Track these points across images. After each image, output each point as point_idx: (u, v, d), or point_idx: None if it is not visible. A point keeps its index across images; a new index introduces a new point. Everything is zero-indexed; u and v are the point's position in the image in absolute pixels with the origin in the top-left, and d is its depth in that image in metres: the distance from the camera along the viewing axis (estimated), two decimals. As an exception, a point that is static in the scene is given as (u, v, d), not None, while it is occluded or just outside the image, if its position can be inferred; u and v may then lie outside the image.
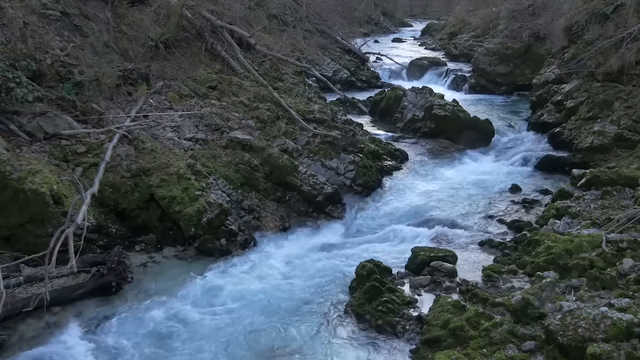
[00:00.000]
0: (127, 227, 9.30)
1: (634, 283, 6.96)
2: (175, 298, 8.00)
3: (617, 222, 8.64)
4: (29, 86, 9.09)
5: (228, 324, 7.51)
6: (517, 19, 23.06)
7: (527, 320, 6.51)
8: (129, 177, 9.46)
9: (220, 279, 8.59)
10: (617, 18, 14.51)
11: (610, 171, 11.04)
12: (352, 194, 11.69)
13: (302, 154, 11.72)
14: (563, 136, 14.27)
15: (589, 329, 5.81)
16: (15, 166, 8.04)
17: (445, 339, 6.55)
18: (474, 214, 11.27)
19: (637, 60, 13.70)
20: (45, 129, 9.22)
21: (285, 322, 7.58)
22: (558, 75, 16.17)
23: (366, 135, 14.65)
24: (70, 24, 11.03)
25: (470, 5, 33.84)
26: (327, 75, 21.52)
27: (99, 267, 7.96)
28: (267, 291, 8.34)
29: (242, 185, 10.60)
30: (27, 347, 6.78)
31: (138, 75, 11.64)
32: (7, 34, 9.33)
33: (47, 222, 8.04)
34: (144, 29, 12.90)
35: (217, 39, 14.29)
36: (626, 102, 13.57)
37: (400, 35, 42.46)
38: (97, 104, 10.31)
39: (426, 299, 7.88)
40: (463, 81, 23.70)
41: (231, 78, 13.50)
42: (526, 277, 8.09)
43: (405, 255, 9.15)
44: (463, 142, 15.51)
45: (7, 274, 7.14)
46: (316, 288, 8.45)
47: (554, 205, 10.54)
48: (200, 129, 11.40)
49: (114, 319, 7.42)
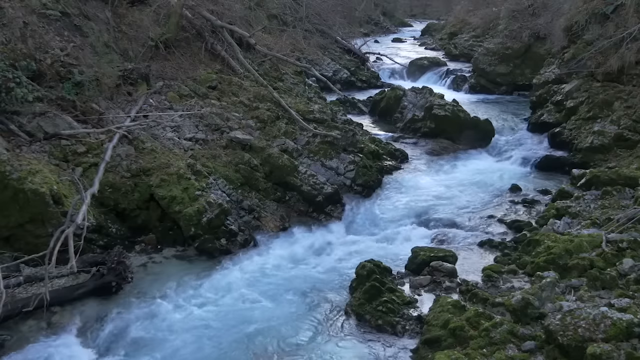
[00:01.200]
0: (127, 227, 9.30)
1: (634, 283, 6.96)
2: (175, 298, 8.00)
3: (617, 222, 8.64)
4: (29, 86, 9.08)
5: (228, 324, 7.51)
6: (517, 19, 23.07)
7: (527, 320, 6.51)
8: (129, 177, 9.46)
9: (220, 279, 8.59)
10: (617, 18, 14.51)
11: (610, 171, 11.05)
12: (352, 194, 11.69)
13: (302, 154, 11.72)
14: (563, 136, 14.28)
15: (589, 329, 5.81)
16: (15, 166, 8.05)
17: (445, 339, 6.55)
18: (474, 214, 11.27)
19: (637, 60, 13.70)
20: (45, 129, 9.22)
21: (285, 322, 7.58)
22: (558, 75, 16.17)
23: (366, 135, 14.65)
24: (70, 24, 11.03)
25: (470, 5, 33.84)
26: (327, 75, 21.52)
27: (99, 267, 7.95)
28: (267, 291, 8.34)
29: (242, 185, 10.60)
30: (27, 347, 6.77)
31: (138, 75, 11.65)
32: (7, 34, 9.33)
33: (47, 222, 8.04)
34: (144, 29, 12.90)
35: (217, 39, 14.29)
36: (626, 102, 13.58)
37: (400, 35, 42.47)
38: (97, 104, 10.31)
39: (426, 299, 7.88)
40: (463, 81, 23.70)
41: (231, 78, 13.50)
42: (526, 277, 8.10)
43: (405, 255, 9.16)
44: (463, 142, 15.51)
45: (7, 274, 7.14)
46: (316, 288, 8.45)
47: (554, 205, 10.55)
48: (200, 129, 11.40)
49: (114, 319, 7.41)
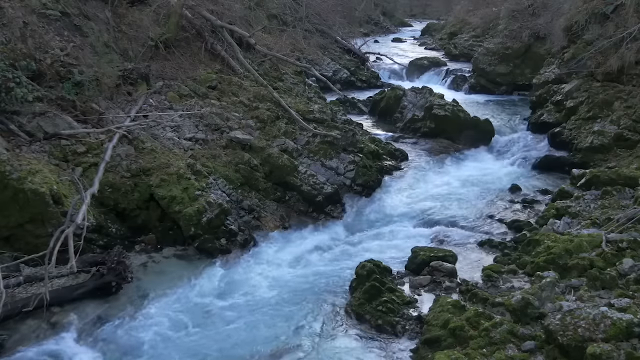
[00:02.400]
0: (127, 227, 9.30)
1: (633, 283, 6.96)
2: (175, 298, 8.00)
3: (617, 222, 8.64)
4: (29, 86, 9.08)
5: (227, 324, 7.52)
6: (517, 19, 23.05)
7: (527, 320, 6.52)
8: (128, 177, 9.46)
9: (220, 278, 8.59)
10: (617, 18, 14.51)
11: (610, 171, 11.05)
12: (352, 193, 11.70)
13: (302, 153, 11.72)
14: (563, 136, 14.27)
15: (589, 329, 5.81)
16: (15, 166, 8.04)
17: (445, 339, 6.56)
18: (474, 214, 11.27)
19: (637, 60, 13.70)
20: (45, 128, 9.21)
21: (285, 322, 7.59)
22: (558, 75, 16.17)
23: (366, 135, 14.66)
24: (70, 23, 11.03)
25: (470, 5, 33.82)
26: (327, 75, 21.51)
27: (99, 267, 7.94)
28: (266, 291, 8.35)
29: (242, 185, 10.60)
30: (27, 347, 6.77)
31: (138, 75, 11.64)
32: (7, 34, 9.32)
33: (47, 222, 8.03)
34: (143, 28, 12.89)
35: (217, 38, 14.29)
36: (626, 102, 13.58)
37: (400, 35, 42.42)
38: (97, 104, 10.31)
39: (426, 299, 7.89)
40: (463, 81, 23.70)
41: (231, 78, 13.50)
42: (526, 277, 8.10)
43: (405, 255, 9.16)
44: (463, 142, 15.51)
45: (7, 273, 7.14)
46: (316, 288, 8.45)
47: (554, 205, 10.54)
48: (200, 128, 11.40)
49: (113, 319, 7.42)
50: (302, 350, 7.04)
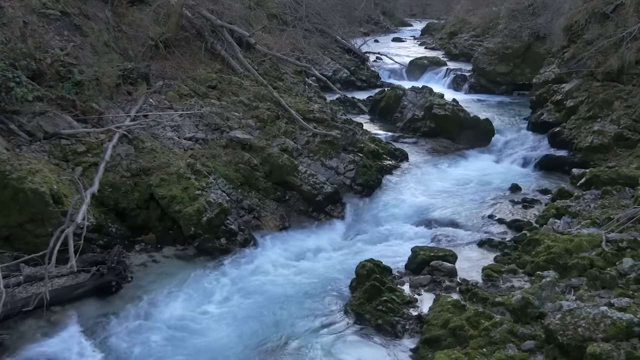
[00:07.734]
0: (127, 227, 9.29)
1: (633, 282, 6.96)
2: (175, 297, 8.00)
3: (617, 221, 8.64)
4: (29, 85, 9.08)
5: (227, 324, 7.51)
6: (517, 19, 23.06)
7: (526, 319, 6.52)
8: (128, 177, 9.46)
9: (220, 278, 8.59)
10: (617, 17, 14.51)
11: (610, 170, 11.04)
12: (352, 193, 11.69)
13: (302, 153, 11.72)
14: (563, 136, 14.27)
15: (589, 329, 5.82)
16: (15, 166, 8.04)
17: (445, 339, 6.56)
18: (474, 214, 11.27)
19: (637, 59, 13.70)
20: (45, 128, 9.21)
21: (285, 321, 7.59)
22: (558, 75, 16.17)
23: (366, 134, 14.64)
24: (70, 23, 11.03)
25: (470, 4, 33.85)
26: (327, 74, 21.51)
27: (99, 267, 7.94)
28: (266, 291, 8.34)
29: (242, 185, 10.60)
30: (27, 346, 6.76)
31: (138, 75, 11.64)
32: (7, 34, 9.31)
33: (47, 221, 8.03)
34: (143, 28, 12.90)
35: (217, 38, 14.29)
36: (626, 101, 13.58)
37: (400, 34, 42.46)
38: (97, 104, 10.31)
39: (426, 299, 7.89)
40: (463, 81, 23.70)
41: (231, 77, 13.50)
42: (526, 277, 8.10)
43: (405, 254, 9.15)
44: (463, 142, 15.52)
45: (7, 273, 7.14)
46: (316, 287, 8.45)
47: (554, 205, 10.55)
48: (200, 128, 11.40)
49: (113, 319, 7.41)
50: (301, 349, 7.03)
